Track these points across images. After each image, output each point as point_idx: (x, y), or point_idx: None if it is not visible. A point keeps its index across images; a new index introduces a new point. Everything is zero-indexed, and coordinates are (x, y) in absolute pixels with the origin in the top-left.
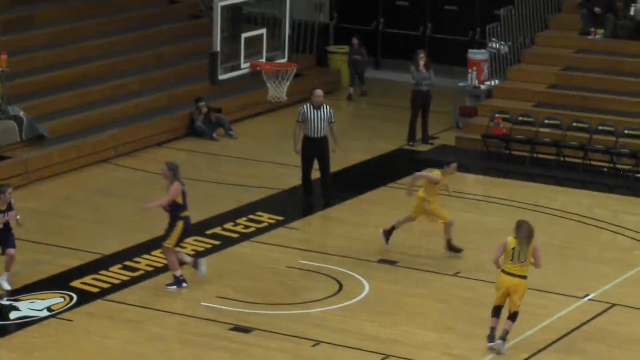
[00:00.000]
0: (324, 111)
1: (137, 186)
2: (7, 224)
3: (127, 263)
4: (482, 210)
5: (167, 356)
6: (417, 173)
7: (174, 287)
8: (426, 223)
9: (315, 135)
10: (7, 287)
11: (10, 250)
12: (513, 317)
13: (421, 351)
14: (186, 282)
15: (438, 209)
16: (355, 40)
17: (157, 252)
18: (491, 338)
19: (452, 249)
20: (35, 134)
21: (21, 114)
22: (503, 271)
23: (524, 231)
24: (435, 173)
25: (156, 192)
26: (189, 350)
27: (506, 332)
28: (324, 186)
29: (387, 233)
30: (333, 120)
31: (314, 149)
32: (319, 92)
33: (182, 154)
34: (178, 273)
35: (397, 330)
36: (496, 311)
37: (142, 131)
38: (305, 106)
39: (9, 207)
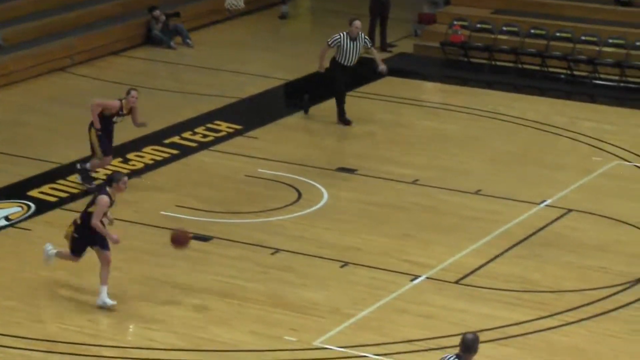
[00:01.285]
0: (359, 41)
1: (94, 95)
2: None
3: None
4: (441, 118)
5: (128, 265)
6: None
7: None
8: (385, 133)
9: (348, 64)
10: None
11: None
12: None
13: (380, 258)
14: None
15: None
16: None
17: (115, 162)
18: None
19: None
20: None
21: None
22: None
23: None
24: None
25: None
26: (149, 259)
27: None
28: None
29: None
30: (370, 45)
31: (346, 73)
32: (357, 23)
33: (140, 62)
34: None
35: (356, 238)
36: None
37: (98, 39)
38: (341, 34)
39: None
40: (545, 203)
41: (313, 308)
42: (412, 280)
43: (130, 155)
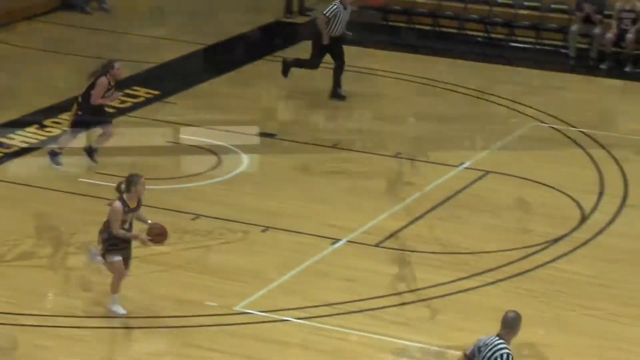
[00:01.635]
0: (349, 10)
1: (9, 61)
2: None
3: (1, 140)
4: (362, 81)
5: (50, 233)
6: None
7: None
8: (305, 97)
9: (337, 34)
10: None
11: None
12: None
13: (302, 222)
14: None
15: None
16: None
17: (31, 129)
18: None
19: None
20: None
21: None
22: None
23: None
24: None
25: (30, 67)
26: (70, 226)
27: None
28: (339, 72)
29: None
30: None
31: (330, 45)
32: None
33: (55, 27)
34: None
35: (277, 202)
36: None
37: (12, 4)
38: (337, 4)
39: (139, 205)
40: (464, 165)
41: (235, 273)
42: (333, 243)
43: (47, 122)
